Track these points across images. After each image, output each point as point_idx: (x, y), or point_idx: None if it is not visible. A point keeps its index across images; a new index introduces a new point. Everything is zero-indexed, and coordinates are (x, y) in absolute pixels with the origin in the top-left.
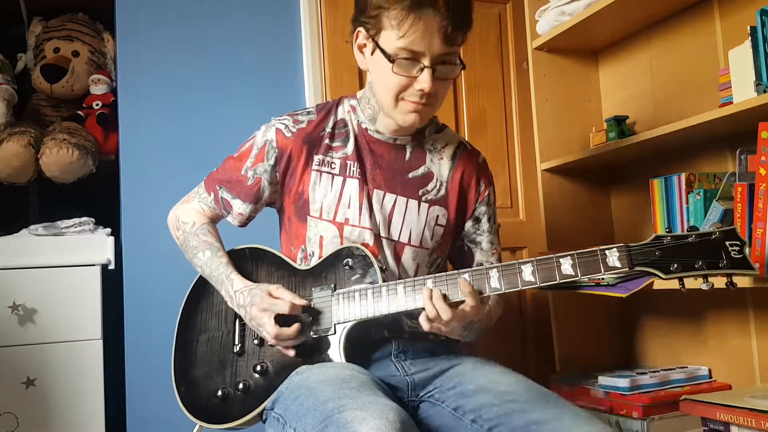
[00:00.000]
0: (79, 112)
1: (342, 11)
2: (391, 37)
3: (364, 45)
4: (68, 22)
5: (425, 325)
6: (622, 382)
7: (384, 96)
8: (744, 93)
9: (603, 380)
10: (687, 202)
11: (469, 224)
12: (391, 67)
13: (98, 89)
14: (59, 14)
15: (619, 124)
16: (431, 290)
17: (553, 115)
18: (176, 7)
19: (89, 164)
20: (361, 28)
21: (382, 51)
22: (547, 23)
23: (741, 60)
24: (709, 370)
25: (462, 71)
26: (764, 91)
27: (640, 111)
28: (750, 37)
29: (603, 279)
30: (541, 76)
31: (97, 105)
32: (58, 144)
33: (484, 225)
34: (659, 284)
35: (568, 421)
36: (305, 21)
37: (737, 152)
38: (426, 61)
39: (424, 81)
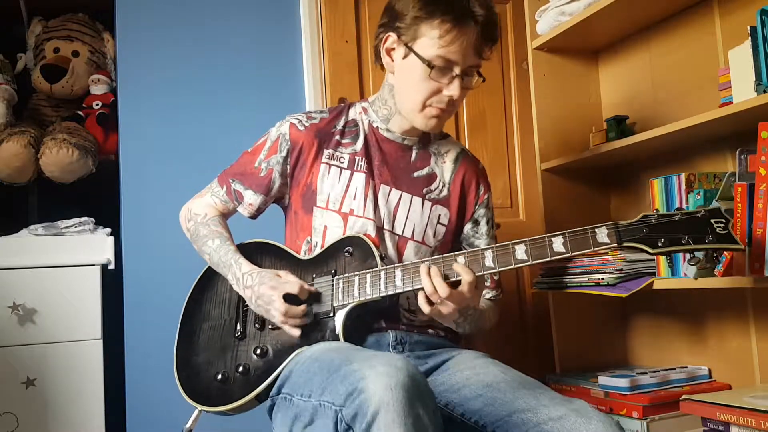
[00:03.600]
0: (79, 112)
1: (342, 11)
2: (430, 45)
3: (393, 49)
4: (68, 22)
5: (425, 308)
6: (622, 382)
7: (410, 100)
8: (744, 93)
9: (603, 380)
10: (687, 202)
11: (468, 226)
12: (429, 73)
13: (98, 89)
14: (59, 14)
15: (619, 124)
16: (429, 266)
17: (553, 115)
18: (176, 7)
19: (89, 164)
20: (392, 33)
21: (420, 57)
22: (547, 23)
23: (741, 60)
24: (709, 370)
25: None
26: (764, 91)
27: (640, 111)
28: (750, 37)
29: (603, 279)
30: (541, 76)
31: (97, 105)
32: (58, 144)
33: (483, 228)
34: (659, 284)
35: (546, 404)
36: (305, 21)
37: (737, 152)
38: (458, 70)
39: (454, 89)
